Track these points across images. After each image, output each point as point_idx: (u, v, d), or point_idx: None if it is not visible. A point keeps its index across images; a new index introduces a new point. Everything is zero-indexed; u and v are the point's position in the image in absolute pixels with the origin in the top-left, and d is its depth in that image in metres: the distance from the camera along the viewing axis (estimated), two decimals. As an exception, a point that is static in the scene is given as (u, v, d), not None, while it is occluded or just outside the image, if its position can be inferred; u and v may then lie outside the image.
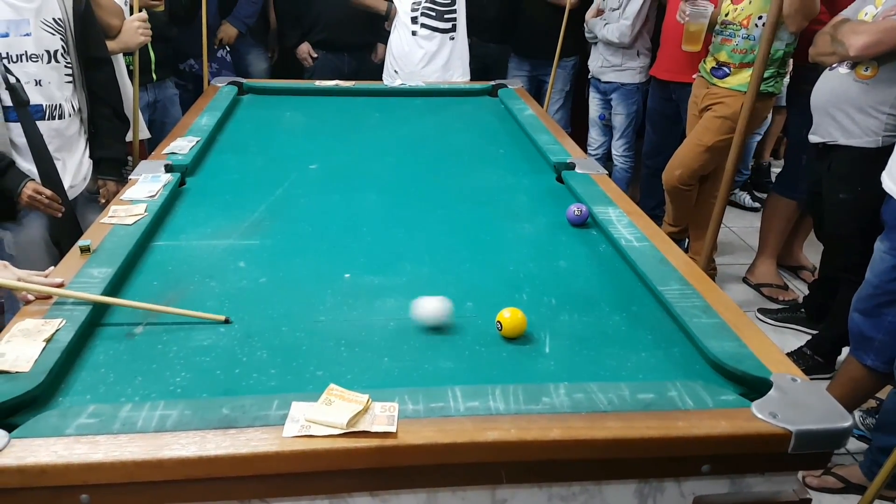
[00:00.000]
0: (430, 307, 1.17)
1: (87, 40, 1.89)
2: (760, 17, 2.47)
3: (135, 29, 2.16)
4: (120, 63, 2.33)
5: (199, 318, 1.15)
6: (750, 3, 2.49)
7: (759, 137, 3.65)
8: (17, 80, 1.68)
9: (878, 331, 1.86)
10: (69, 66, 1.83)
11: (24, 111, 1.70)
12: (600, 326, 1.20)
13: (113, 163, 1.99)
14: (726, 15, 2.58)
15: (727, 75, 2.61)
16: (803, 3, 2.26)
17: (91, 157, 1.95)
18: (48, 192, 1.72)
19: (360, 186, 1.80)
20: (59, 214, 1.75)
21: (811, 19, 2.36)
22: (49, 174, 1.76)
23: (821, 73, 2.27)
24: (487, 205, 1.72)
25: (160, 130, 2.59)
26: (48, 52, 1.76)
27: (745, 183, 3.93)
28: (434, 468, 0.89)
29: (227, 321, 1.15)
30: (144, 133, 2.47)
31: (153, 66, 2.60)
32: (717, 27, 2.62)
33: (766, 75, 2.42)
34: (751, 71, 2.43)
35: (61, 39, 1.79)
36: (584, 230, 1.56)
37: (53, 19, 1.77)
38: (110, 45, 2.13)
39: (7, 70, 1.67)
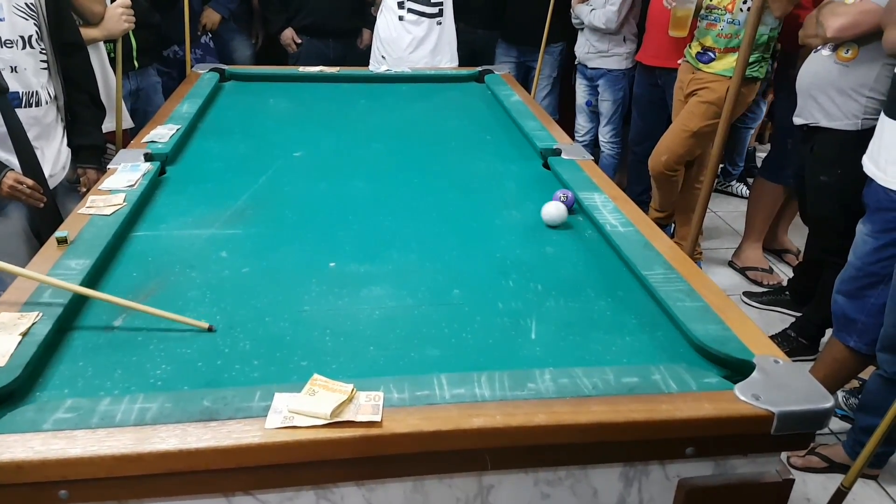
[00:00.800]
0: (554, 212, 1.49)
1: (61, 26, 1.85)
2: (745, 2, 2.46)
3: (118, 15, 2.13)
4: (101, 51, 2.29)
5: (181, 322, 1.11)
6: None
7: (752, 131, 3.65)
8: None
9: (861, 312, 1.88)
10: (44, 52, 1.79)
11: (2, 99, 1.67)
12: (586, 311, 1.19)
13: (92, 150, 1.96)
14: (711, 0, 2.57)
15: (712, 60, 2.60)
16: None
17: (69, 145, 1.92)
18: (29, 181, 1.68)
19: (346, 174, 1.78)
20: (41, 205, 1.72)
21: (795, 4, 2.36)
22: (30, 163, 1.72)
23: (804, 58, 2.28)
24: (475, 191, 1.70)
25: (143, 119, 2.54)
26: (22, 37, 1.72)
27: (739, 174, 3.94)
28: (420, 456, 0.88)
29: (210, 329, 1.11)
30: (128, 122, 2.44)
31: (135, 54, 2.55)
32: (703, 12, 2.61)
33: (751, 60, 2.42)
34: (736, 56, 2.43)
35: (35, 24, 1.75)
36: (570, 216, 1.56)
37: (26, 4, 1.73)
38: (93, 32, 2.10)
39: None
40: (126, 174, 1.58)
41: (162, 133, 1.85)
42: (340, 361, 1.04)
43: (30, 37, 1.74)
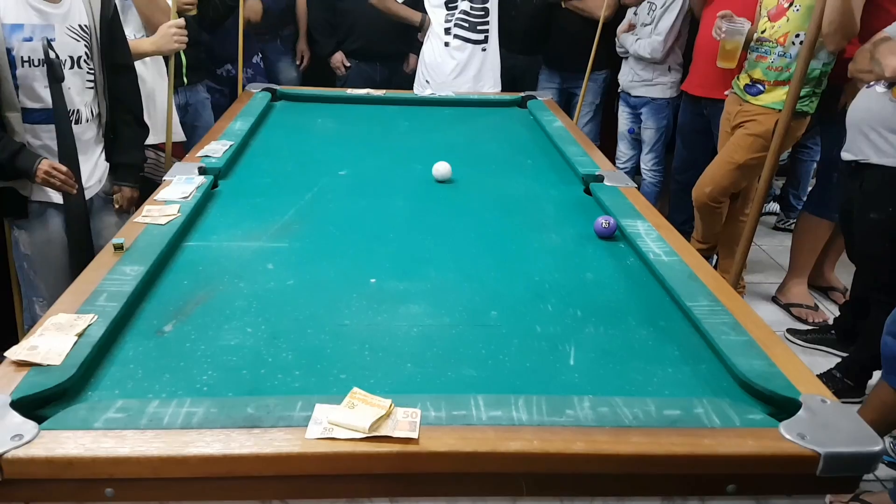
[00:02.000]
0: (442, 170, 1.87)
1: (114, 46, 1.91)
2: (798, 36, 2.44)
3: (170, 35, 2.16)
4: (160, 63, 2.37)
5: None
6: (788, 20, 2.46)
7: (815, 164, 3.60)
8: (57, 56, 1.70)
9: (912, 355, 1.81)
10: (91, 71, 1.85)
11: (57, 90, 1.71)
12: (626, 340, 1.18)
13: (130, 168, 2.01)
14: (763, 32, 2.55)
15: (761, 93, 2.58)
16: (842, 22, 2.22)
17: (109, 160, 1.97)
18: (63, 168, 1.72)
19: (387, 193, 1.81)
20: (74, 191, 1.76)
21: (850, 39, 2.33)
22: (70, 165, 1.77)
23: (851, 92, 2.24)
24: (514, 214, 1.71)
25: (191, 133, 2.66)
26: (71, 57, 1.78)
27: (775, 197, 3.88)
28: (454, 476, 0.89)
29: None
30: (179, 136, 2.52)
31: (185, 70, 2.65)
32: (753, 44, 2.59)
33: (801, 94, 2.39)
34: (786, 89, 2.41)
35: (85, 46, 1.81)
36: (612, 242, 1.55)
37: (79, 25, 1.79)
38: (144, 45, 2.15)
39: (49, 46, 1.68)
40: (181, 186, 1.64)
41: (216, 148, 1.92)
42: (378, 376, 1.05)
43: (79, 57, 1.80)
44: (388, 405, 0.92)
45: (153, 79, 2.38)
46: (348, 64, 3.39)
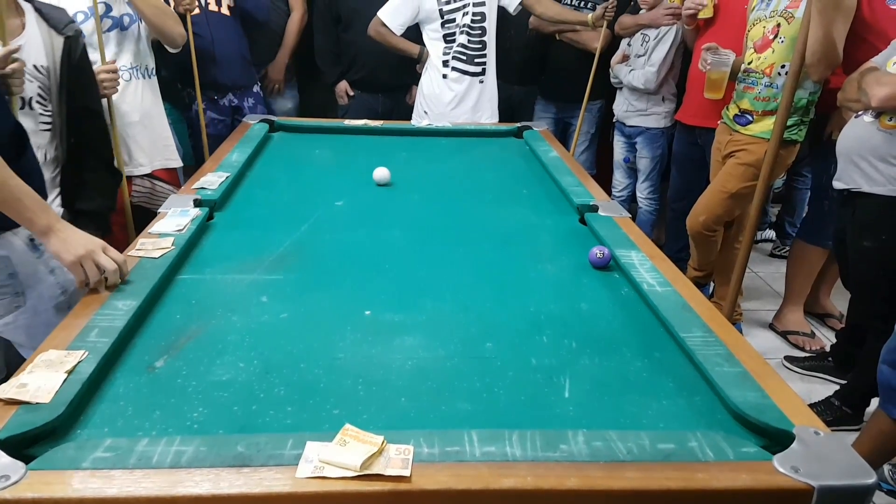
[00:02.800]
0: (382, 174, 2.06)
1: (79, 90, 1.80)
2: (783, 66, 2.47)
3: (99, 82, 2.03)
4: (154, 86, 2.42)
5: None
6: (773, 52, 2.50)
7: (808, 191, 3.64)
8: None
9: (910, 383, 1.81)
10: (47, 113, 1.74)
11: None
12: (621, 371, 1.18)
13: (93, 216, 1.84)
14: (749, 63, 2.59)
15: (750, 122, 2.61)
16: (825, 53, 2.26)
17: (71, 207, 1.82)
18: None
19: (384, 223, 1.82)
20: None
21: (833, 69, 2.36)
22: None
23: (839, 121, 2.26)
24: (510, 244, 1.72)
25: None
26: (23, 98, 1.68)
27: (770, 224, 3.90)
28: (448, 514, 0.88)
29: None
30: (176, 161, 2.53)
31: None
32: (740, 75, 2.62)
33: (789, 123, 2.42)
34: (773, 119, 2.43)
35: (39, 86, 1.71)
36: (607, 273, 1.56)
37: (35, 66, 1.70)
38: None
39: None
40: (175, 219, 1.64)
41: (212, 180, 1.92)
42: (371, 411, 1.05)
43: (31, 98, 1.70)
44: (381, 442, 0.91)
45: (151, 102, 2.40)
46: (352, 93, 3.42)
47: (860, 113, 2.11)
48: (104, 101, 2.12)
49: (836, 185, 2.22)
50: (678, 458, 0.92)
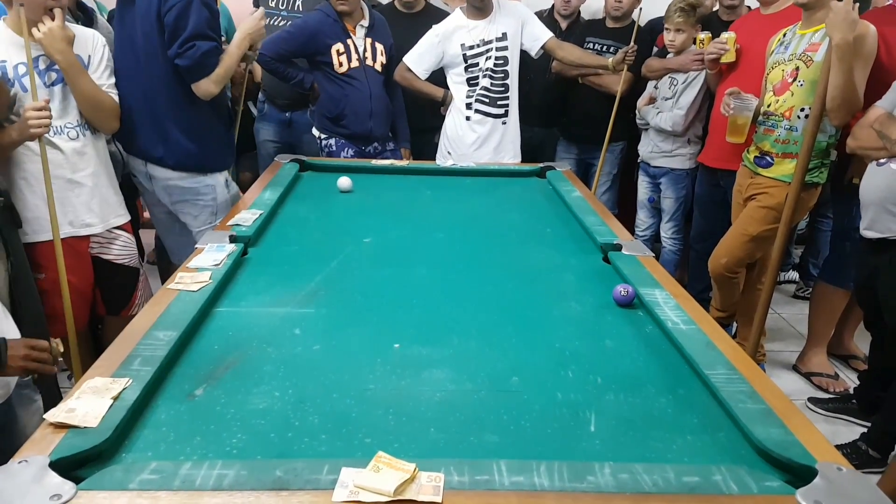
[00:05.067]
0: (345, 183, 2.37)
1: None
2: (802, 109, 2.51)
3: (24, 120, 1.91)
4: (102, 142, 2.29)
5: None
6: (792, 95, 2.54)
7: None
8: None
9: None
10: None
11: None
12: (646, 408, 1.20)
13: None
14: (768, 106, 2.63)
15: (770, 165, 2.63)
16: (845, 99, 2.29)
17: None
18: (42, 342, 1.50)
19: (411, 261, 1.87)
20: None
21: (853, 114, 2.40)
22: None
23: (857, 162, 2.27)
24: (535, 282, 1.76)
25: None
26: None
27: (794, 265, 3.89)
28: (478, 541, 0.90)
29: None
30: (125, 217, 2.36)
31: None
32: (760, 118, 2.67)
33: (810, 166, 2.45)
34: (793, 162, 2.46)
35: None
36: (631, 311, 1.58)
37: None
38: (11, 135, 1.95)
39: None
40: (212, 254, 1.71)
41: (246, 217, 2.00)
42: (402, 441, 1.08)
43: None
44: (413, 469, 0.94)
45: (99, 161, 2.24)
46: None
47: (884, 161, 2.12)
48: (35, 142, 1.98)
49: (868, 234, 2.21)
50: (703, 490, 0.94)
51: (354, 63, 3.01)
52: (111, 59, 2.28)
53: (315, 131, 3.18)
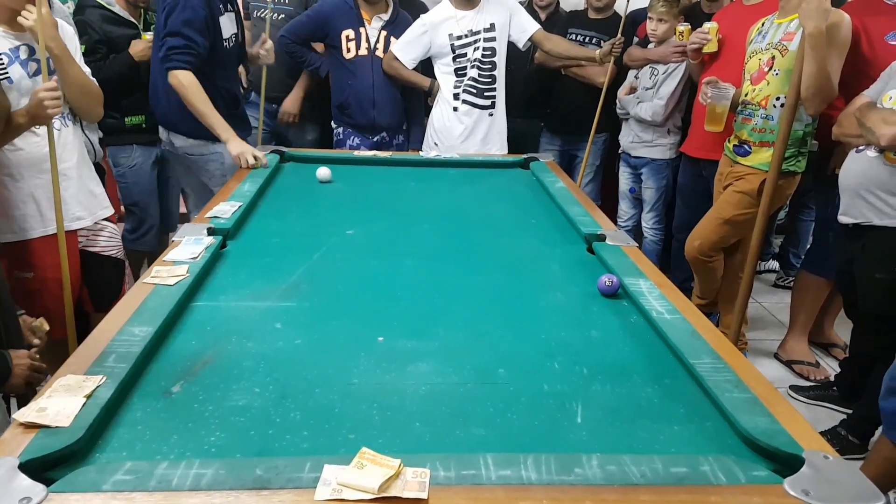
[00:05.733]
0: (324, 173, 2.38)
1: None
2: (778, 98, 2.52)
3: (39, 101, 1.85)
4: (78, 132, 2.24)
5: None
6: (768, 84, 2.55)
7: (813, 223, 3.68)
8: None
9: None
10: None
11: None
12: (633, 398, 1.19)
13: None
14: (746, 95, 2.64)
15: (748, 153, 2.65)
16: (819, 87, 2.30)
17: None
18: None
19: (396, 252, 1.84)
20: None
21: (828, 103, 2.40)
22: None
23: (840, 154, 2.29)
24: (520, 273, 1.74)
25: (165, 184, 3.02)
26: None
27: (774, 255, 3.93)
28: (464, 537, 0.88)
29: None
30: (110, 209, 2.30)
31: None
32: (739, 107, 2.68)
33: (787, 155, 2.46)
34: (770, 150, 2.48)
35: None
36: (615, 301, 1.58)
37: None
38: (21, 119, 1.88)
39: None
40: (189, 247, 1.67)
41: (224, 209, 1.96)
42: (387, 436, 1.06)
43: None
44: (398, 465, 0.92)
45: (82, 151, 2.21)
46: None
47: (862, 147, 2.15)
48: (44, 127, 1.96)
49: (843, 219, 2.24)
50: (691, 481, 0.93)
51: (363, 51, 3.06)
52: (78, 46, 2.24)
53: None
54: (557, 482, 0.92)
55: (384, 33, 3.09)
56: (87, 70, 2.19)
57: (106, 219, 2.27)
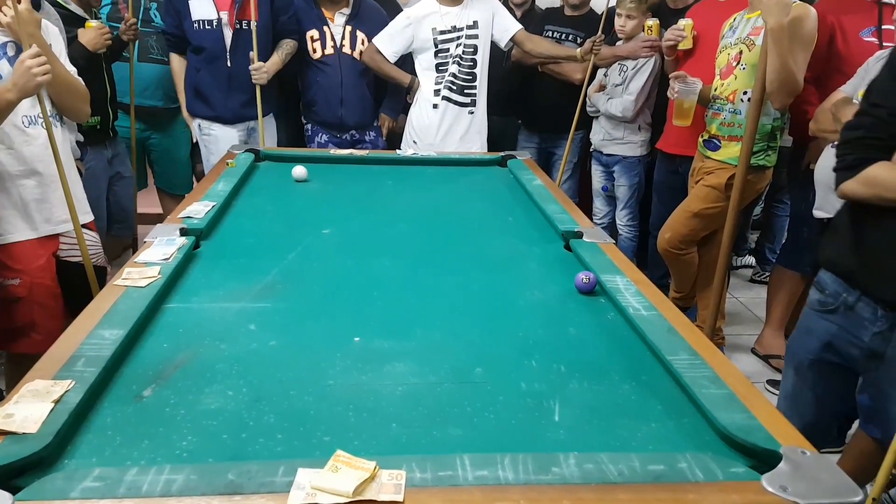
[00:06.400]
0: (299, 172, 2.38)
1: None
2: (745, 93, 2.55)
3: (25, 69, 1.80)
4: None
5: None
6: (735, 78, 2.58)
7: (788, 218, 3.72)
8: None
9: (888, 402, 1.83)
10: None
11: None
12: (610, 395, 1.19)
13: None
14: (715, 90, 2.67)
15: (718, 148, 2.68)
16: (783, 81, 2.32)
17: None
18: None
19: (372, 252, 1.82)
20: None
21: (794, 97, 2.43)
22: None
23: (816, 150, 2.31)
24: (498, 271, 1.73)
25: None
26: None
27: (750, 250, 3.97)
28: (441, 539, 0.87)
29: None
30: (90, 215, 2.26)
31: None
32: (710, 101, 2.70)
33: (755, 149, 2.49)
34: (739, 145, 2.51)
35: None
36: (593, 298, 1.58)
37: None
38: (7, 95, 1.82)
39: None
40: (161, 248, 1.64)
41: (197, 209, 1.93)
42: (363, 438, 1.04)
43: None
44: (373, 467, 0.91)
45: (66, 149, 2.13)
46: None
47: (836, 143, 2.17)
48: (36, 126, 1.94)
49: (819, 214, 2.27)
50: (668, 479, 0.92)
51: (329, 50, 3.08)
52: (65, 48, 2.20)
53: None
54: (535, 482, 0.91)
55: (349, 28, 3.08)
56: (72, 70, 2.14)
57: (85, 225, 2.20)
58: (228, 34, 2.95)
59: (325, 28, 3.07)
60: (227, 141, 3.00)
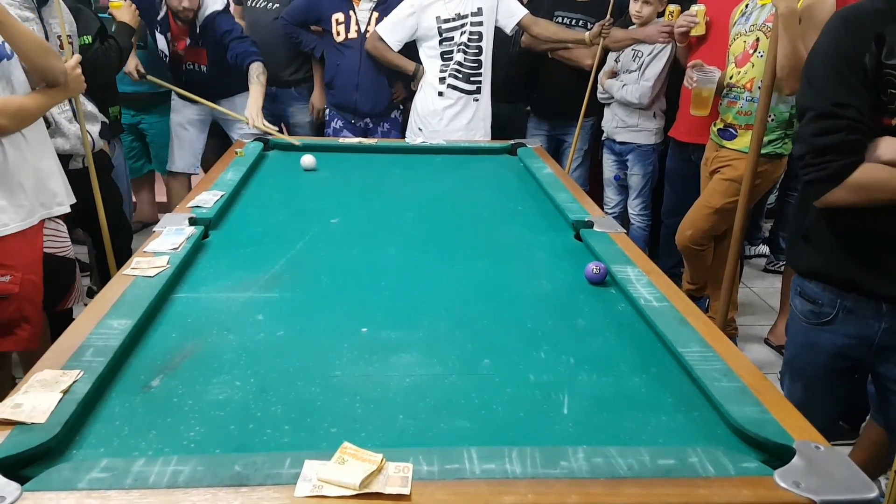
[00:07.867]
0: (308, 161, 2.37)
1: None
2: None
3: (77, 77, 2.03)
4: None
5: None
6: (753, 66, 2.53)
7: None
8: None
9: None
10: None
11: None
12: (620, 388, 1.18)
13: None
14: (731, 78, 2.62)
15: (734, 137, 2.63)
16: (793, 67, 2.27)
17: None
18: None
19: (380, 241, 1.82)
20: None
21: None
22: None
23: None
24: (506, 261, 1.72)
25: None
26: None
27: (764, 239, 3.93)
28: (448, 532, 0.87)
29: None
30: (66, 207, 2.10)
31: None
32: (724, 90, 2.66)
33: (772, 137, 2.45)
34: (756, 133, 2.46)
35: None
36: (603, 288, 1.56)
37: None
38: (58, 96, 1.97)
39: None
40: (171, 237, 1.64)
41: (206, 199, 1.92)
42: (369, 429, 1.04)
43: None
44: (380, 460, 0.90)
45: (38, 140, 1.98)
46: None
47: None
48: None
49: None
50: (679, 473, 0.91)
51: (352, 34, 3.10)
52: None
53: None
54: (542, 476, 0.90)
55: (375, 14, 3.09)
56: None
57: (57, 217, 2.06)
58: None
59: (351, 12, 3.09)
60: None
